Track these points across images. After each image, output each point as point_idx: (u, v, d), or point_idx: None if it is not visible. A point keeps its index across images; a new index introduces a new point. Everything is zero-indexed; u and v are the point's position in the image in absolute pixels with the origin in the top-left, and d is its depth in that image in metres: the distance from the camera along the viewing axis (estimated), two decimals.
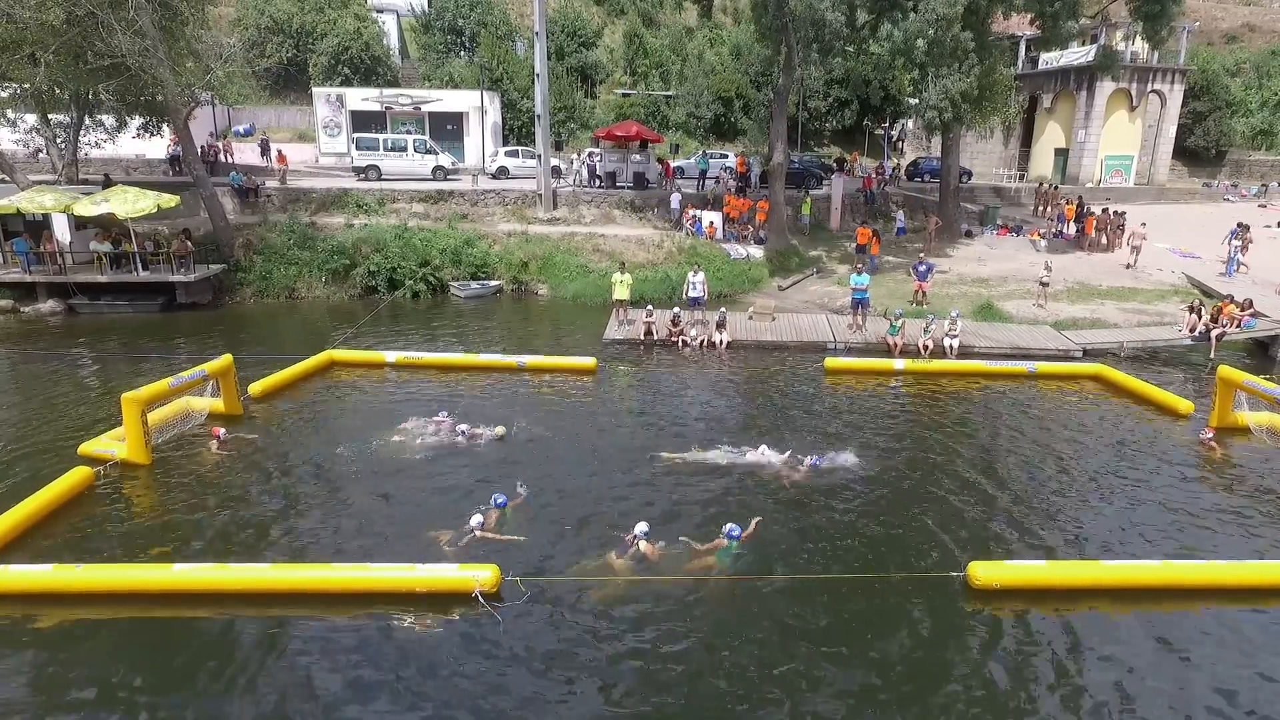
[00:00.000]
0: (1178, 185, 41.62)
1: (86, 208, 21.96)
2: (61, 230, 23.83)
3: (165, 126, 27.98)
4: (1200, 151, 44.07)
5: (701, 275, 21.66)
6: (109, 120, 28.02)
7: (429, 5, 47.36)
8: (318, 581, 9.13)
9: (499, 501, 11.00)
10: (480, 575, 8.95)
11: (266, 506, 11.36)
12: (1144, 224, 27.19)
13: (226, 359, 14.49)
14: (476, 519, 10.45)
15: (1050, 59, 39.80)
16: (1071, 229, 30.31)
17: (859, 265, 22.54)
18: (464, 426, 13.76)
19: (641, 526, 10.10)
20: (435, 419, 14.10)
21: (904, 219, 30.71)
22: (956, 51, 22.95)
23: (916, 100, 25.15)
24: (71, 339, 20.52)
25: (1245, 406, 14.16)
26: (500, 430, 13.85)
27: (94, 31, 21.02)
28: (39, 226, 23.44)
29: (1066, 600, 9.26)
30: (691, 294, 21.27)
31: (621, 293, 21.52)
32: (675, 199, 29.66)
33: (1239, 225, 25.81)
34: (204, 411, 14.41)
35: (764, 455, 12.82)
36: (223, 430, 13.47)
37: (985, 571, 9.28)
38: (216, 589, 9.05)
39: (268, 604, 8.98)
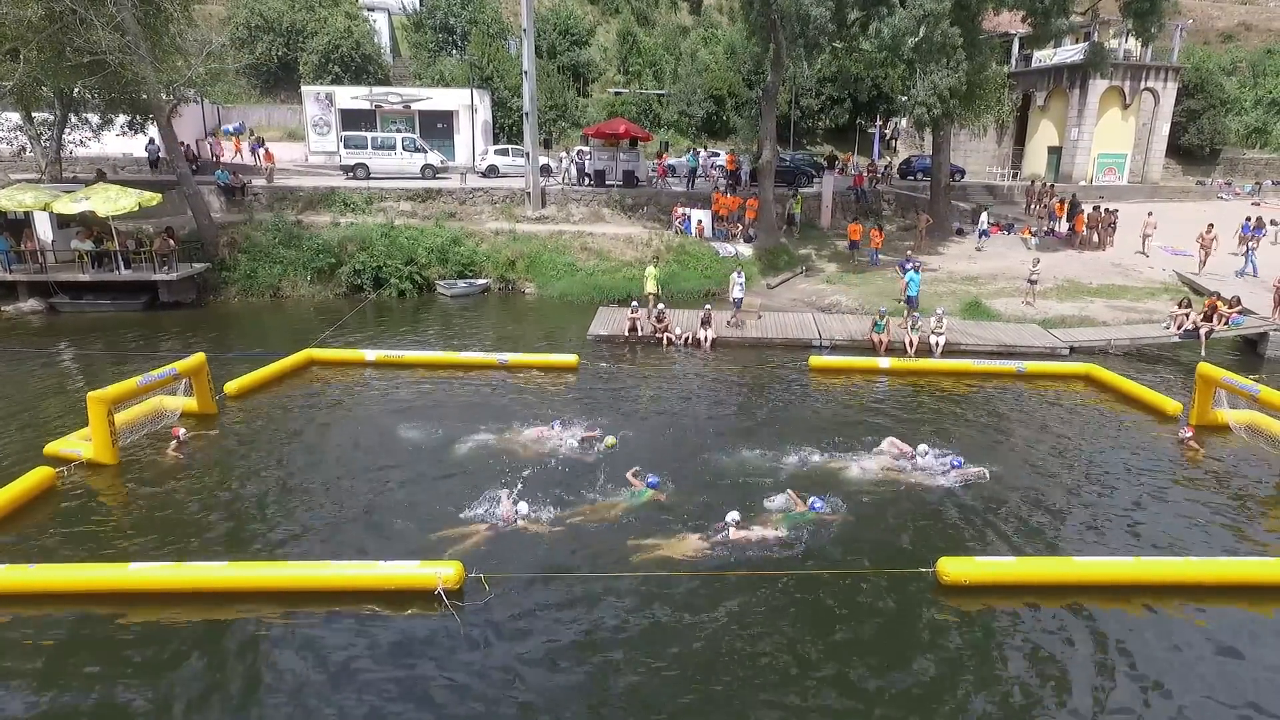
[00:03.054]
0: (1171, 183, 41.42)
1: (66, 205, 21.78)
2: (44, 229, 23.64)
3: (150, 125, 27.74)
4: (1194, 150, 43.86)
5: (744, 276, 21.57)
6: (93, 118, 27.80)
7: (420, 3, 47.16)
8: (277, 580, 8.96)
9: (651, 482, 11.41)
10: (443, 572, 8.80)
11: (233, 506, 11.19)
12: (1151, 213, 27.81)
13: (199, 357, 14.30)
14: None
15: (1043, 57, 39.63)
16: (1063, 227, 30.16)
17: (915, 264, 22.07)
18: (578, 431, 13.41)
19: (733, 514, 10.20)
20: (548, 426, 13.59)
21: (986, 221, 29.43)
22: (945, 47, 22.77)
23: (905, 97, 24.98)
24: (52, 338, 20.33)
25: (1225, 404, 14.01)
26: (611, 440, 13.28)
27: (74, 27, 20.83)
28: (19, 225, 23.23)
29: (1037, 596, 9.11)
30: (735, 294, 21.01)
31: (651, 286, 21.39)
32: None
33: (1248, 219, 25.42)
34: (176, 411, 14.22)
35: (924, 458, 12.60)
36: (182, 430, 13.26)
37: (955, 567, 9.13)
38: (173, 588, 8.87)
39: (225, 603, 8.81)
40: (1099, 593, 9.18)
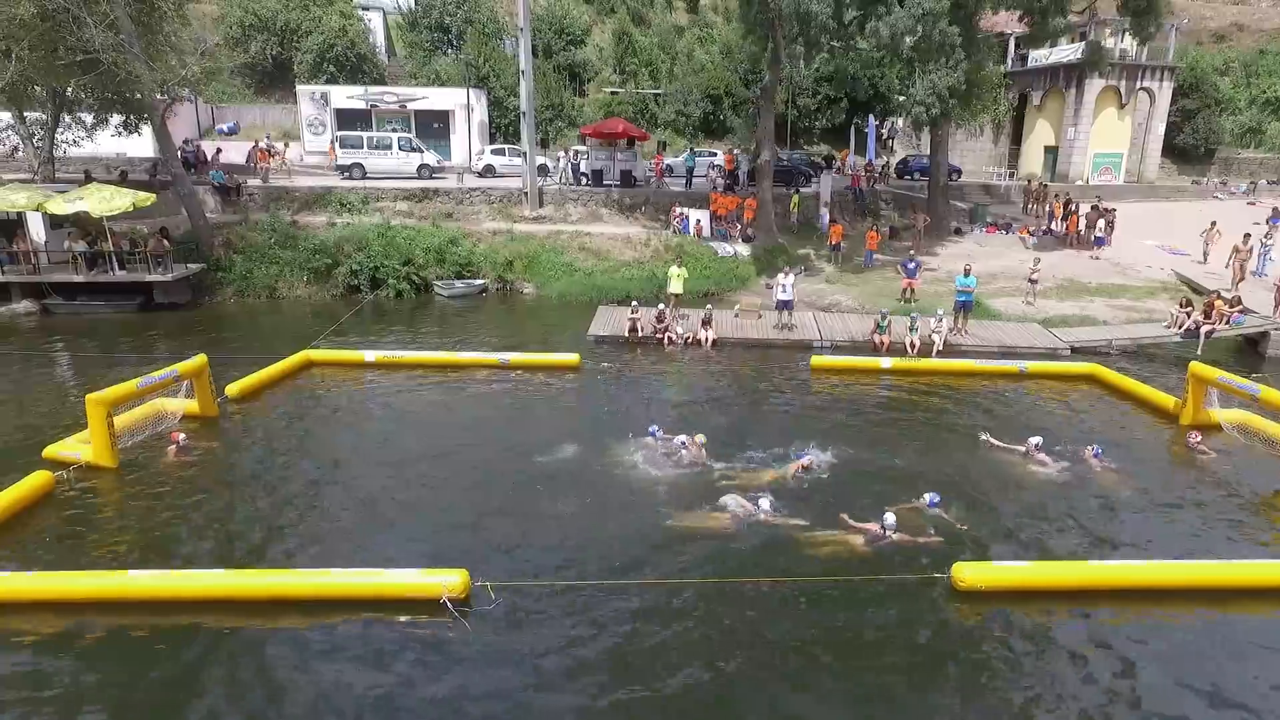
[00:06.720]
0: (1167, 183, 41.52)
1: (60, 206, 21.53)
2: (37, 229, 23.35)
3: (144, 124, 27.47)
4: (1189, 149, 43.98)
5: (792, 277, 20.70)
6: (87, 118, 27.52)
7: (416, 2, 46.92)
8: (279, 588, 8.80)
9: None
10: (448, 581, 8.65)
11: (235, 510, 11.02)
12: (1113, 207, 29.11)
13: (200, 359, 14.11)
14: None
15: (1040, 56, 39.65)
16: (1061, 226, 30.19)
17: (966, 266, 20.56)
18: (656, 429, 13.01)
19: (890, 518, 10.22)
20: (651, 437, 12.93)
21: (1104, 227, 28.57)
22: (944, 46, 22.72)
23: (904, 97, 24.95)
24: (45, 339, 20.11)
25: (1217, 403, 13.92)
26: (700, 438, 12.79)
27: (67, 25, 20.58)
28: (12, 225, 22.91)
29: (1053, 601, 9.02)
30: (782, 296, 20.22)
31: (676, 286, 21.08)
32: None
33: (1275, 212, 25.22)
34: (178, 413, 13.99)
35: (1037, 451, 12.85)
36: (182, 435, 13.01)
37: (970, 573, 9.02)
38: (172, 596, 8.70)
39: (226, 612, 8.63)
40: (1115, 597, 9.11)
